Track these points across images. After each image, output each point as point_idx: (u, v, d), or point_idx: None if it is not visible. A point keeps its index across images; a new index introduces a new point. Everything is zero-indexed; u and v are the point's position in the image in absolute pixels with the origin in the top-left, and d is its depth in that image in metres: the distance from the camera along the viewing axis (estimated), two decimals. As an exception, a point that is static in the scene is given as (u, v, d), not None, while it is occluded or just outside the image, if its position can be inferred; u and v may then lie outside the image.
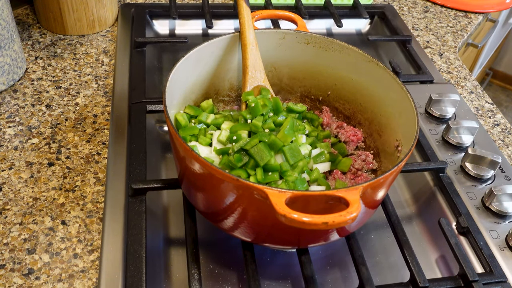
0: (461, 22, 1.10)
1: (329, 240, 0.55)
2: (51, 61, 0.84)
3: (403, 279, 0.59)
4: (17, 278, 0.54)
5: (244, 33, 0.64)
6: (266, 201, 0.44)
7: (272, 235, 0.53)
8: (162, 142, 0.74)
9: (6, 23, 0.74)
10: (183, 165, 0.53)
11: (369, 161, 0.63)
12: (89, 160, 0.68)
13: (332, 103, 0.70)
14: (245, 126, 0.59)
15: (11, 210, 0.60)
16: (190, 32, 0.97)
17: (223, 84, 0.68)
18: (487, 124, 0.83)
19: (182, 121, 0.60)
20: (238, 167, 0.54)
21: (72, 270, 0.55)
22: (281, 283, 0.58)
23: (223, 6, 1.00)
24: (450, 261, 0.62)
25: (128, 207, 0.59)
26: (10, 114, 0.73)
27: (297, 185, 0.55)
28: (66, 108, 0.75)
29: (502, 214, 0.65)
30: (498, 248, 0.61)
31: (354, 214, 0.43)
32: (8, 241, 0.57)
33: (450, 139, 0.74)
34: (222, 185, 0.48)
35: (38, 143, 0.69)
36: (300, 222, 0.42)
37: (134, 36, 0.86)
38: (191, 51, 0.60)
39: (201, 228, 0.58)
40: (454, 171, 0.70)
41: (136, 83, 0.77)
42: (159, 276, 0.57)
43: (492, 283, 0.57)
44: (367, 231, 0.64)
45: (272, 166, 0.54)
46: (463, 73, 0.94)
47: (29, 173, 0.65)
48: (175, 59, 0.59)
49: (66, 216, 0.60)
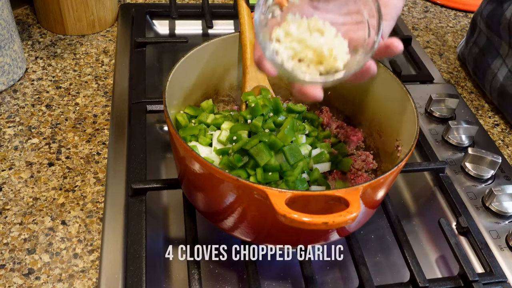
0: (461, 22, 1.10)
1: (329, 240, 0.55)
2: (51, 61, 0.84)
3: (403, 279, 0.59)
4: (17, 278, 0.54)
5: (244, 33, 0.64)
6: (266, 201, 0.44)
7: (272, 235, 0.53)
8: (162, 142, 0.74)
9: (6, 23, 0.74)
10: (183, 165, 0.53)
11: (369, 161, 0.63)
12: (89, 160, 0.68)
13: (332, 103, 0.70)
14: (245, 126, 0.59)
15: (11, 210, 0.60)
16: (190, 32, 0.97)
17: (223, 84, 0.68)
18: (487, 124, 0.83)
19: (182, 121, 0.60)
20: (238, 167, 0.54)
21: (72, 270, 0.55)
22: (281, 283, 0.58)
23: (223, 6, 1.00)
24: (450, 261, 0.62)
25: (128, 207, 0.59)
26: (10, 114, 0.73)
27: (297, 185, 0.55)
28: (66, 108, 0.75)
29: (502, 214, 0.65)
30: (498, 248, 0.61)
31: (354, 214, 0.43)
32: (8, 241, 0.57)
33: (450, 139, 0.74)
34: (222, 185, 0.48)
35: (38, 143, 0.69)
36: (300, 222, 0.42)
37: (134, 36, 0.86)
38: (191, 51, 0.60)
39: (201, 228, 0.58)
40: (454, 171, 0.70)
41: (136, 83, 0.77)
42: (159, 276, 0.57)
43: (492, 283, 0.57)
44: (367, 231, 0.64)
45: (272, 166, 0.54)
46: (463, 73, 0.94)
47: (29, 173, 0.65)
48: (175, 59, 0.59)
49: (66, 216, 0.60)
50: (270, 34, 0.48)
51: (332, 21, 0.49)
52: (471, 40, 0.89)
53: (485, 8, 0.85)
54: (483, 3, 0.86)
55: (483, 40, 0.85)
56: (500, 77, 0.80)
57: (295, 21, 0.48)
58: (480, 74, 0.86)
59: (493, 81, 0.81)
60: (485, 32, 0.84)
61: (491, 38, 0.83)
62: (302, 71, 0.47)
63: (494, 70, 0.81)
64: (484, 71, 0.84)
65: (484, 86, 0.86)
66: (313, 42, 0.47)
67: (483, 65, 0.85)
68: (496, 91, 0.82)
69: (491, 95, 0.84)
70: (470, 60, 0.89)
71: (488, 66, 0.83)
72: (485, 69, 0.84)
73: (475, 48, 0.87)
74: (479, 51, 0.85)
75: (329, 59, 0.47)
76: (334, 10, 0.51)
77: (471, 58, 0.88)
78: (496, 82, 0.81)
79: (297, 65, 0.47)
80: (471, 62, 0.89)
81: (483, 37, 0.85)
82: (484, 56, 0.84)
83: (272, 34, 0.48)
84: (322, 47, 0.47)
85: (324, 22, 0.49)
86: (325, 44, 0.47)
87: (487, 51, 0.84)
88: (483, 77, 0.85)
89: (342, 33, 0.49)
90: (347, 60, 0.47)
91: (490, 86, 0.83)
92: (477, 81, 0.88)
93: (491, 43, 0.83)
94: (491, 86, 0.82)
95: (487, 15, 0.83)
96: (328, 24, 0.49)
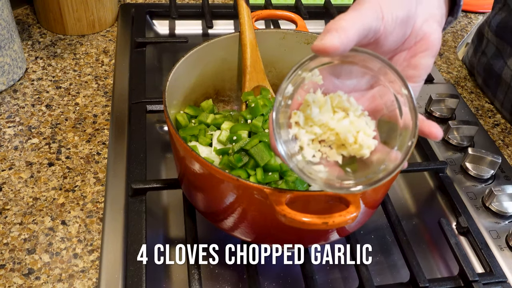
0: (461, 22, 1.10)
1: (329, 240, 0.55)
2: (51, 61, 0.84)
3: (403, 279, 0.59)
4: (17, 278, 0.54)
5: (244, 33, 0.64)
6: (266, 201, 0.44)
7: (272, 235, 0.53)
8: (162, 142, 0.74)
9: (6, 23, 0.74)
10: (183, 165, 0.53)
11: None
12: (89, 160, 0.68)
13: (332, 103, 0.70)
14: (245, 126, 0.59)
15: (11, 210, 0.60)
16: (190, 32, 0.97)
17: (223, 84, 0.68)
18: (487, 124, 0.83)
19: (182, 121, 0.60)
20: (238, 167, 0.54)
21: (72, 270, 0.55)
22: (281, 283, 0.58)
23: (223, 6, 1.00)
24: (450, 261, 0.62)
25: (128, 207, 0.59)
26: (10, 114, 0.73)
27: (297, 185, 0.55)
28: (66, 108, 0.75)
29: (502, 214, 0.65)
30: (498, 248, 0.61)
31: (354, 214, 0.43)
32: (8, 241, 0.57)
33: (450, 139, 0.74)
34: (222, 185, 0.48)
35: (38, 143, 0.69)
36: (300, 222, 0.42)
37: (134, 36, 0.86)
38: (191, 51, 0.60)
39: (201, 228, 0.58)
40: (454, 171, 0.70)
41: (136, 83, 0.77)
42: (159, 276, 0.57)
43: (492, 283, 0.57)
44: (367, 231, 0.64)
45: (272, 166, 0.54)
46: (463, 73, 0.94)
47: (29, 173, 0.65)
48: (175, 59, 0.59)
49: (66, 216, 0.60)
50: (288, 118, 0.42)
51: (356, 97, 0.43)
52: (480, 50, 0.88)
53: (494, 18, 0.84)
54: (492, 13, 0.86)
55: (492, 50, 0.85)
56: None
57: (316, 102, 0.42)
58: (491, 84, 0.86)
59: (509, 91, 0.80)
60: (494, 42, 0.84)
61: (500, 48, 0.82)
62: (316, 170, 0.41)
63: (506, 80, 0.81)
64: (496, 81, 0.84)
65: (495, 96, 0.85)
66: (337, 126, 0.41)
67: (494, 75, 0.84)
68: (510, 101, 0.81)
69: (502, 105, 0.83)
70: (480, 70, 0.88)
71: (499, 76, 0.83)
72: (497, 78, 0.83)
73: (483, 58, 0.86)
74: (487, 61, 0.85)
75: (353, 145, 0.41)
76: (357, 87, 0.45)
77: (481, 68, 0.88)
78: (511, 91, 0.80)
79: (318, 148, 0.42)
80: (481, 71, 0.88)
81: (492, 47, 0.85)
82: (493, 66, 0.84)
83: (290, 118, 0.42)
84: (346, 133, 0.41)
85: (349, 98, 0.43)
86: (350, 128, 0.41)
87: (495, 61, 0.84)
88: (496, 87, 0.84)
89: (369, 110, 0.43)
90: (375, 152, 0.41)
91: (504, 95, 0.82)
92: (486, 91, 0.88)
93: (500, 52, 0.83)
94: (505, 95, 0.81)
95: (497, 24, 0.82)
96: (353, 100, 0.43)
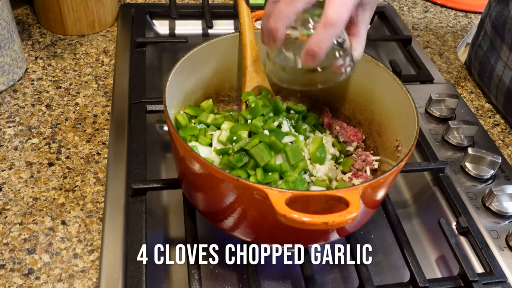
0: (461, 22, 1.10)
1: (329, 240, 0.55)
2: (51, 61, 0.84)
3: (403, 279, 0.59)
4: (17, 278, 0.54)
5: (244, 33, 0.64)
6: (266, 201, 0.44)
7: (272, 235, 0.53)
8: (162, 142, 0.74)
9: (6, 23, 0.74)
10: (183, 165, 0.53)
11: (369, 161, 0.63)
12: (89, 160, 0.68)
13: (332, 103, 0.70)
14: (245, 126, 0.59)
15: (11, 210, 0.60)
16: (190, 32, 0.97)
17: (223, 84, 0.68)
18: (487, 124, 0.83)
19: (182, 121, 0.60)
20: (238, 167, 0.54)
21: (72, 270, 0.55)
22: (281, 283, 0.58)
23: (223, 6, 1.00)
24: (450, 261, 0.62)
25: (128, 207, 0.59)
26: (10, 114, 0.73)
27: (297, 185, 0.55)
28: (66, 108, 0.75)
29: (502, 214, 0.65)
30: (498, 248, 0.61)
31: (354, 214, 0.43)
32: (8, 241, 0.57)
33: (450, 139, 0.74)
34: (222, 185, 0.48)
35: (38, 143, 0.69)
36: (300, 222, 0.42)
37: (134, 36, 0.86)
38: (191, 51, 0.60)
39: (201, 228, 0.58)
40: (454, 171, 0.70)
41: (136, 83, 0.77)
42: (159, 276, 0.57)
43: (492, 283, 0.57)
44: (367, 231, 0.64)
45: (272, 166, 0.55)
46: (463, 73, 0.94)
47: (29, 173, 0.65)
48: (175, 59, 0.59)
49: (66, 216, 0.60)
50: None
51: None
52: (476, 43, 0.88)
53: (494, 9, 0.83)
54: (493, 4, 0.85)
55: (487, 43, 0.85)
56: (506, 81, 0.80)
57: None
58: (485, 77, 0.86)
59: (500, 84, 0.80)
60: (490, 34, 0.84)
61: (494, 41, 0.82)
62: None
63: (498, 73, 0.81)
64: (490, 74, 0.84)
65: (489, 90, 0.85)
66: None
67: (488, 68, 0.84)
68: (503, 95, 0.81)
69: (496, 99, 0.84)
70: (476, 63, 0.88)
71: (493, 69, 0.83)
72: (491, 72, 0.83)
73: (480, 51, 0.86)
74: (483, 54, 0.85)
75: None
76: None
77: (477, 62, 0.88)
78: (502, 85, 0.80)
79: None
80: (476, 65, 0.88)
81: (487, 39, 0.85)
82: (489, 59, 0.84)
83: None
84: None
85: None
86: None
87: (490, 54, 0.84)
88: (489, 81, 0.84)
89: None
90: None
91: (496, 90, 0.82)
92: (481, 84, 0.88)
93: (493, 46, 0.83)
94: (497, 89, 0.81)
95: (495, 16, 0.82)
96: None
